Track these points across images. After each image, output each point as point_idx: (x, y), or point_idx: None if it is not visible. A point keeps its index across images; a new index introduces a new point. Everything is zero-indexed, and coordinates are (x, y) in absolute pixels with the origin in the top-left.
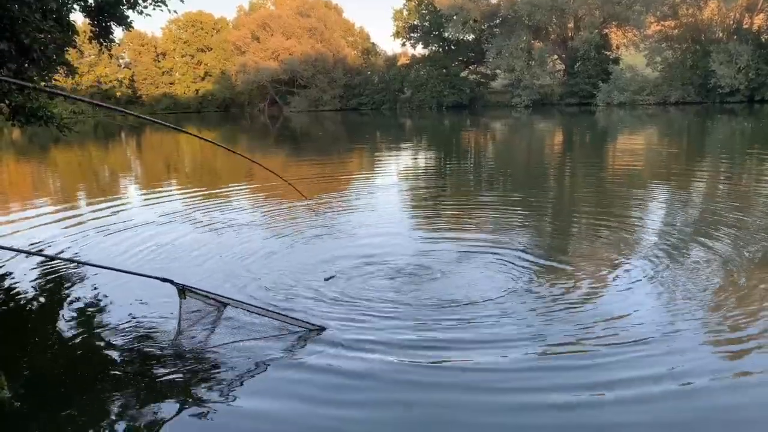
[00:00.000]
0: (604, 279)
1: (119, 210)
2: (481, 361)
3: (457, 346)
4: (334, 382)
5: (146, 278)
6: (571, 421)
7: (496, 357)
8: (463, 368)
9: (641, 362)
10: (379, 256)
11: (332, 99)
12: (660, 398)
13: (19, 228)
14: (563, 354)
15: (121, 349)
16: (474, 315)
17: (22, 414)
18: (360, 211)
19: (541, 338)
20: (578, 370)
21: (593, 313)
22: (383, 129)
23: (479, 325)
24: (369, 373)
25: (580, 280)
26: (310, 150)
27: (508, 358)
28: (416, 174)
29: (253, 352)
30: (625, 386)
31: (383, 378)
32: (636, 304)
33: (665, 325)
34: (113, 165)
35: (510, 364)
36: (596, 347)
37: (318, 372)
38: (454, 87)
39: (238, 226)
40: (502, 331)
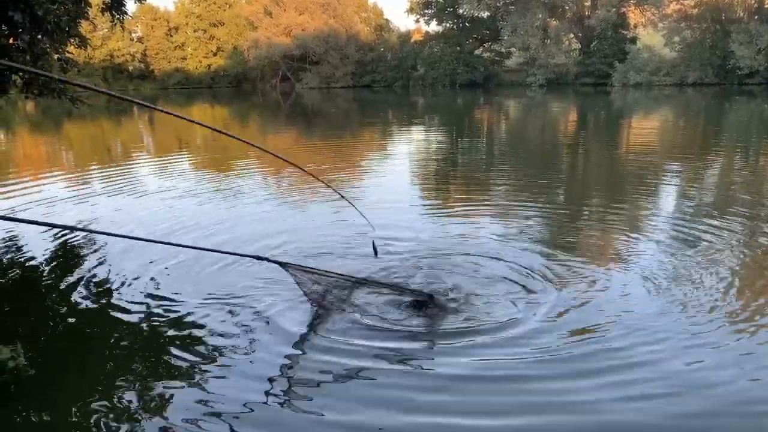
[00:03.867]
0: (617, 271)
1: (134, 181)
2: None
3: (451, 339)
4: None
5: (164, 248)
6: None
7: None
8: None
9: (659, 360)
10: (383, 238)
11: (344, 76)
12: (680, 395)
13: (33, 200)
14: (592, 357)
15: (135, 322)
16: (472, 305)
17: (37, 381)
18: (369, 190)
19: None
20: (602, 373)
21: (607, 308)
22: (395, 107)
23: (475, 316)
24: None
25: (590, 270)
26: (322, 127)
27: (518, 354)
28: (427, 153)
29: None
30: (646, 384)
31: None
32: (648, 297)
33: (677, 315)
34: (127, 138)
35: (523, 363)
36: (615, 345)
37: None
38: (468, 65)
39: (245, 200)
40: (507, 327)
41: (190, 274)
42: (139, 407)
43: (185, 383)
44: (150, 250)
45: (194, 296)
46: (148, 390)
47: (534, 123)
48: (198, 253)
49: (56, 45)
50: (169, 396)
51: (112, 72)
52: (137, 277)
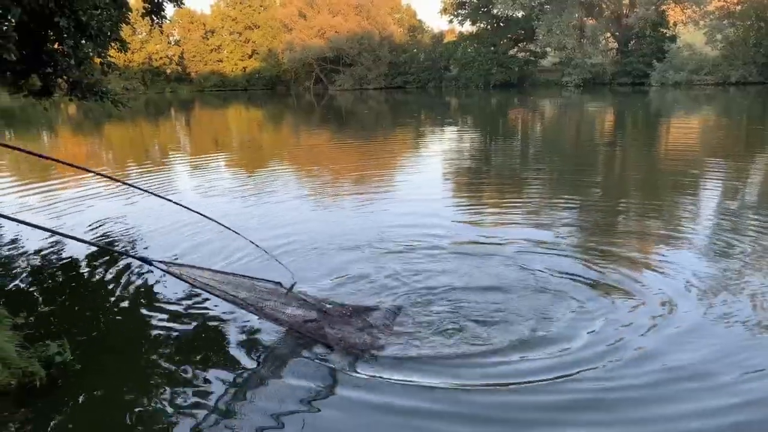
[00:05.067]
0: (660, 278)
1: (166, 180)
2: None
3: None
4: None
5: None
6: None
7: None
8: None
9: (716, 372)
10: (415, 238)
11: (377, 77)
12: (741, 407)
13: (71, 197)
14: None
15: (174, 320)
16: (506, 318)
17: (82, 376)
18: (400, 191)
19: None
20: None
21: (653, 318)
22: (428, 107)
23: (509, 330)
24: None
25: (631, 277)
26: (355, 128)
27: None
28: (460, 154)
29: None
30: (709, 398)
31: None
32: (693, 305)
33: (727, 325)
34: (164, 139)
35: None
36: (671, 361)
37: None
38: (502, 65)
39: (279, 200)
40: (533, 341)
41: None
42: (176, 405)
43: (222, 382)
44: (191, 250)
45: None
46: (186, 387)
47: (569, 123)
48: (245, 251)
49: (98, 49)
50: (205, 394)
51: (150, 75)
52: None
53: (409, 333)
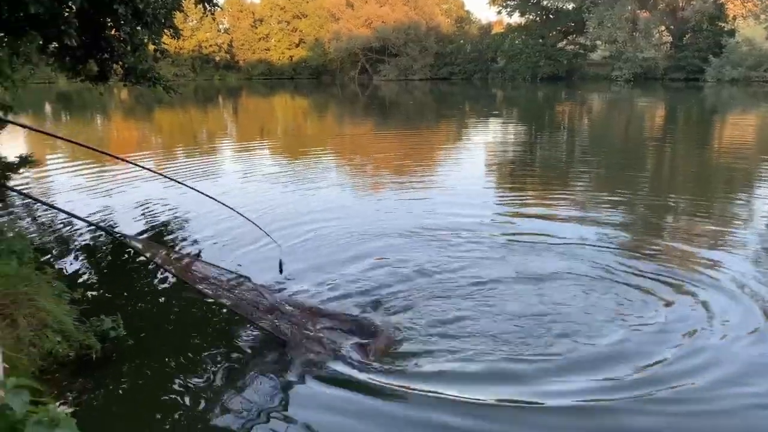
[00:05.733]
0: (710, 283)
1: (212, 165)
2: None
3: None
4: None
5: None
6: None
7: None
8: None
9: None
10: (454, 230)
11: (422, 68)
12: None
13: (122, 179)
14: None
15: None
16: (549, 329)
17: (133, 350)
18: (442, 182)
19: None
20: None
21: (706, 328)
22: (473, 99)
23: (554, 342)
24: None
25: (680, 281)
26: (398, 118)
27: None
28: (504, 146)
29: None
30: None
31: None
32: (745, 312)
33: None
34: (212, 125)
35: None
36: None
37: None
38: (551, 58)
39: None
40: (577, 353)
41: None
42: (216, 384)
43: (262, 362)
44: (241, 233)
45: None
46: (226, 366)
47: (618, 118)
48: (299, 237)
49: (153, 36)
50: (249, 373)
51: (200, 62)
52: (224, 258)
53: (440, 338)
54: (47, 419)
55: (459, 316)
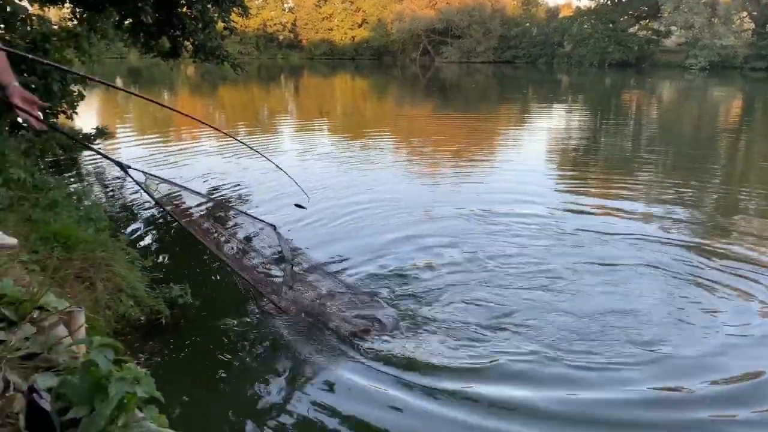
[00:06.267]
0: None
1: (271, 142)
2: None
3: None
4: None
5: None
6: None
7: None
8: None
9: None
10: (509, 217)
11: (486, 50)
12: None
13: (185, 154)
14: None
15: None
16: (608, 332)
17: (200, 317)
18: (499, 166)
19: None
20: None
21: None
22: (537, 84)
23: (611, 346)
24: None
25: (751, 285)
26: (459, 101)
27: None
28: (567, 133)
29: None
30: None
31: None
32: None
33: None
34: (273, 104)
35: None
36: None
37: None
38: (620, 43)
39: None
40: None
41: (340, 233)
42: (273, 349)
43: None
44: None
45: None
46: (280, 331)
47: (690, 108)
48: (348, 214)
49: (222, 14)
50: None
51: (264, 40)
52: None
53: (488, 331)
54: (129, 377)
55: (510, 310)
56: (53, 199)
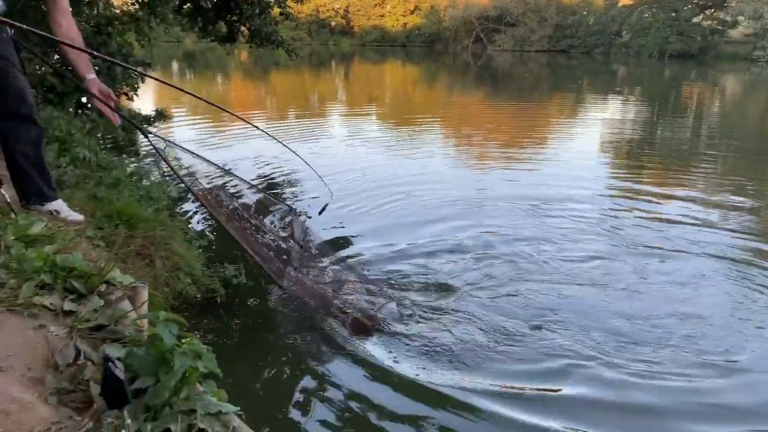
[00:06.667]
0: None
1: (319, 127)
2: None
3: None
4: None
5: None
6: None
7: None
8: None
9: None
10: (557, 209)
11: (540, 39)
12: None
13: (235, 136)
14: None
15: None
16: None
17: (253, 297)
18: (549, 157)
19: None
20: None
21: None
22: (593, 74)
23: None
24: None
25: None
26: (510, 90)
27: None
28: (621, 125)
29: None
30: None
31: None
32: None
33: None
34: (324, 89)
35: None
36: None
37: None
38: (683, 33)
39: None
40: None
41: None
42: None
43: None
44: (362, 189)
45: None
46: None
47: (756, 103)
48: (390, 199)
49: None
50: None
51: (316, 26)
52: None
53: (526, 328)
54: (192, 351)
55: (555, 306)
56: (116, 178)
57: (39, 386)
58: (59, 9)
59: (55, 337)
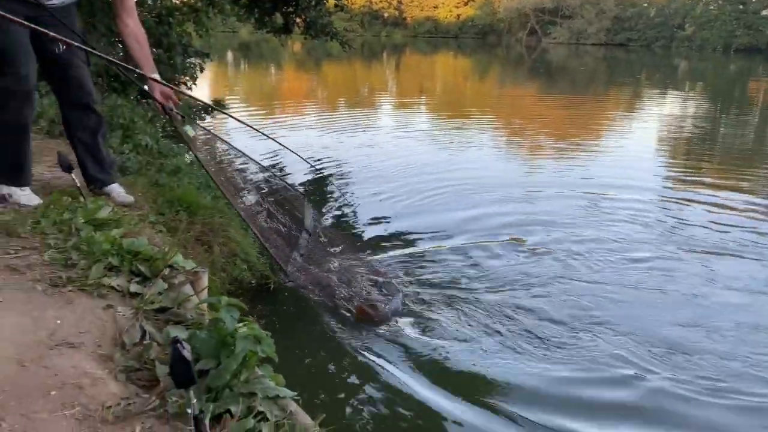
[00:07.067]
0: None
1: (368, 118)
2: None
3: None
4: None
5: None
6: None
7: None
8: None
9: None
10: (609, 206)
11: (597, 32)
12: None
13: (286, 125)
14: None
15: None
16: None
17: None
18: (603, 154)
19: None
20: None
21: None
22: (652, 68)
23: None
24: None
25: None
26: (564, 84)
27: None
28: (680, 122)
29: None
30: None
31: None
32: None
33: None
34: (375, 80)
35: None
36: None
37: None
38: (750, 27)
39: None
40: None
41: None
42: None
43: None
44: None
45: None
46: None
47: None
48: (432, 190)
49: None
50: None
51: (369, 17)
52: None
53: (567, 332)
54: (253, 336)
55: (602, 310)
56: (177, 165)
57: (109, 363)
58: (126, 8)
59: (123, 317)
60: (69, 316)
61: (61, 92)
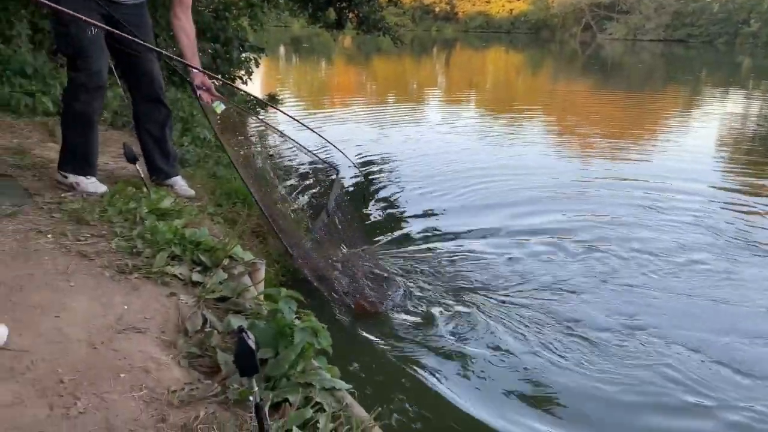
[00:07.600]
0: None
1: (415, 113)
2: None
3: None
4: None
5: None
6: None
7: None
8: None
9: None
10: (663, 209)
11: (656, 28)
12: None
13: (332, 120)
14: None
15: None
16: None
17: None
18: (660, 155)
19: None
20: None
21: None
22: (713, 66)
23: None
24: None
25: None
26: (620, 81)
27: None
28: (742, 123)
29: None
30: None
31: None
32: None
33: None
34: (424, 76)
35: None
36: None
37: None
38: None
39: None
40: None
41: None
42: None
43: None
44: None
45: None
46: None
47: None
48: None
49: None
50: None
51: (420, 12)
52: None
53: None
54: (311, 328)
55: (648, 316)
56: None
57: (172, 349)
58: (182, 4)
59: (185, 305)
60: (135, 302)
61: (135, 86)
